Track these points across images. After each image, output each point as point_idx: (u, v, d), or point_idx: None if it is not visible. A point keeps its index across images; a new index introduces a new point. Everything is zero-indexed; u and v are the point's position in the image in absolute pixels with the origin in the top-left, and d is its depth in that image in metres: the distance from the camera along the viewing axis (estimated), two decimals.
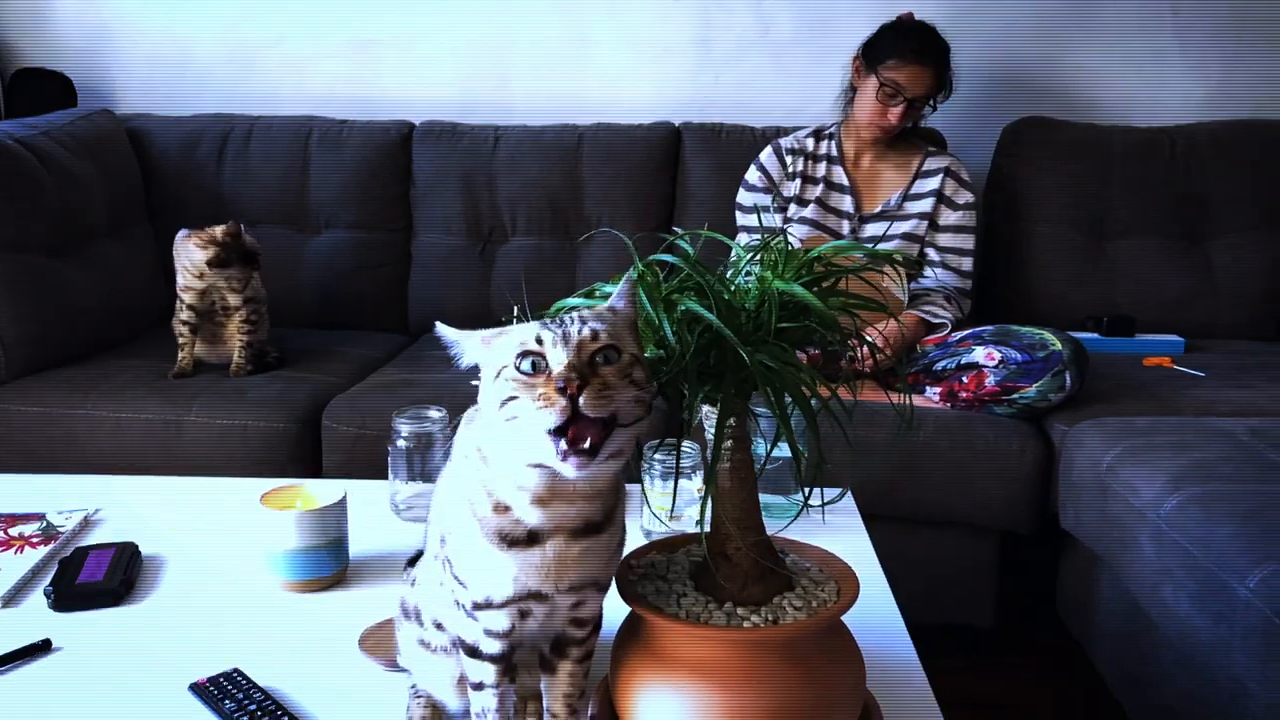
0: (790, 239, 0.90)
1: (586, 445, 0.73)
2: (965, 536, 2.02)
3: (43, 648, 1.13)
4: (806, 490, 0.86)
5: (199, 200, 2.66)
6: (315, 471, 2.07)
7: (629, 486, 0.92)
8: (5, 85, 2.83)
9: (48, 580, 1.26)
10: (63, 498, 1.53)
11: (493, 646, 0.86)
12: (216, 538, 1.41)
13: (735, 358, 0.81)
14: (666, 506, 1.34)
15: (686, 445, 1.35)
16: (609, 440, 0.74)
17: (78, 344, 2.29)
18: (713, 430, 0.87)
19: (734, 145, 2.62)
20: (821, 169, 2.39)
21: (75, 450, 2.03)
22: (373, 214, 2.71)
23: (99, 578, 1.26)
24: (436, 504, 0.92)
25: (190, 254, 2.15)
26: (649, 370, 0.79)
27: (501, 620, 0.84)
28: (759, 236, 1.68)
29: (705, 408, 0.91)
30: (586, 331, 0.76)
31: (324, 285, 2.68)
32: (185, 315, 2.20)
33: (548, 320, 0.79)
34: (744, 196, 2.43)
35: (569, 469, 0.73)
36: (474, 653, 0.88)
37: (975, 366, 2.03)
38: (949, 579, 2.04)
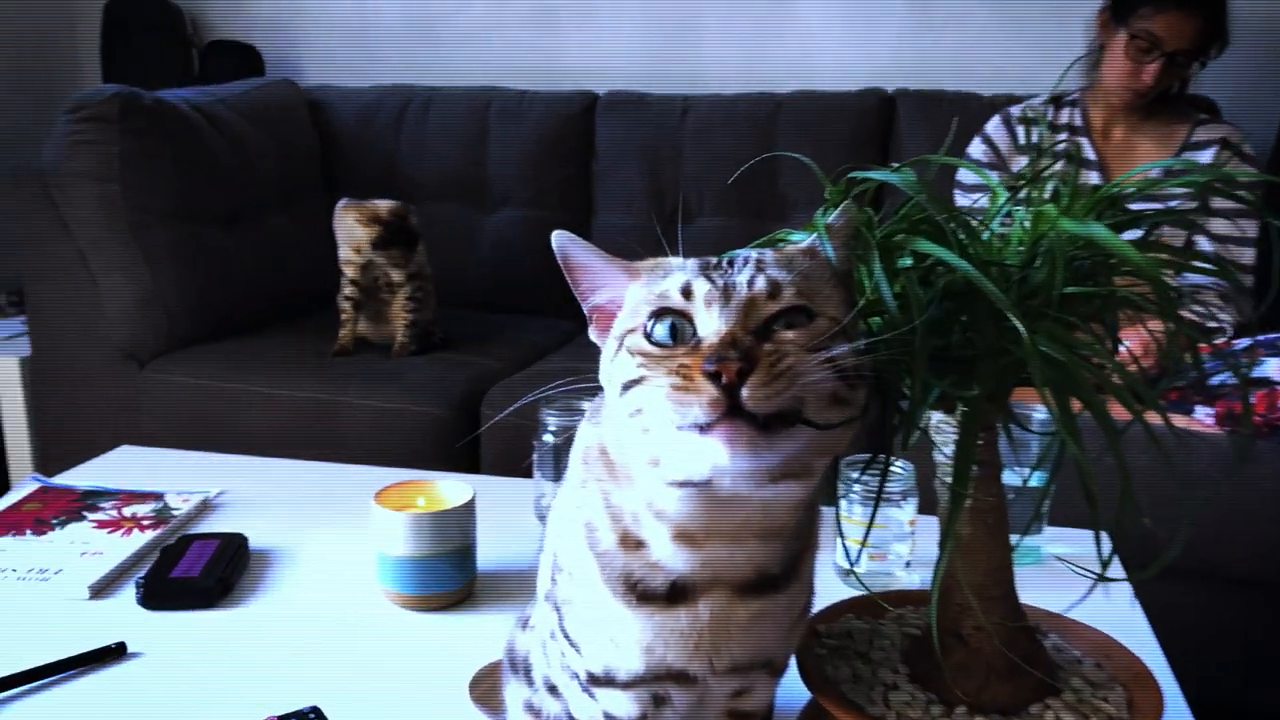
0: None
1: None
2: (1244, 596, 1.61)
3: (116, 652, 0.97)
4: (1101, 540, 0.56)
5: (374, 173, 2.56)
6: (473, 464, 1.89)
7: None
8: (200, 57, 2.82)
9: (144, 571, 1.10)
10: (193, 476, 1.39)
11: None
12: (335, 536, 1.23)
13: (997, 337, 0.52)
14: (868, 541, 1.05)
15: (898, 465, 1.05)
16: (789, 430, 0.47)
17: (242, 316, 2.21)
18: (948, 449, 0.58)
19: (957, 115, 2.26)
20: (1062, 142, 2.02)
21: (226, 426, 1.93)
22: (551, 191, 2.52)
23: (195, 574, 1.09)
24: (552, 523, 0.67)
25: (350, 228, 2.02)
26: (859, 343, 0.51)
27: (627, 705, 0.59)
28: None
29: (935, 416, 0.62)
30: (761, 284, 0.50)
31: (497, 265, 2.52)
32: (348, 291, 2.08)
33: (709, 261, 0.53)
34: (965, 174, 2.09)
35: (720, 451, 0.47)
36: None
37: (1267, 383, 1.62)
38: (1221, 648, 1.64)
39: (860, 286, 0.54)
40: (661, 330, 0.50)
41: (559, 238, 0.57)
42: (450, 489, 1.13)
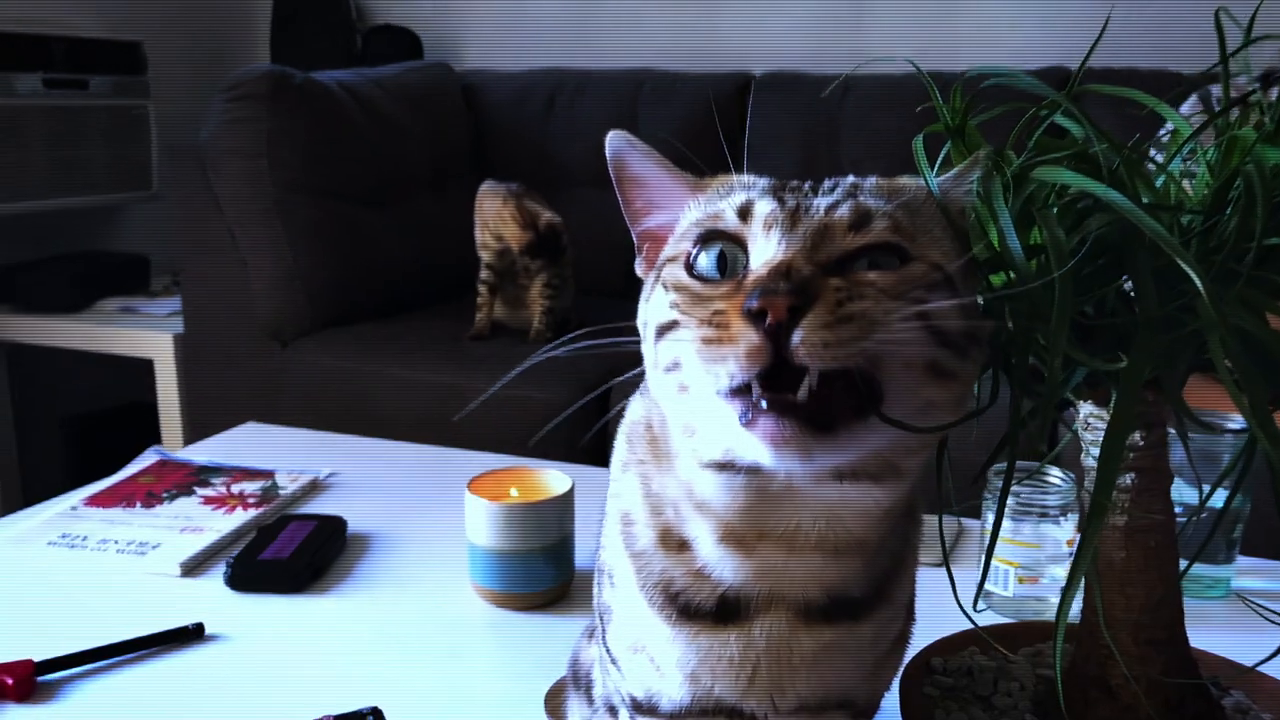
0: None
1: (799, 395, 0.34)
2: None
3: (194, 634, 0.93)
4: None
5: (525, 157, 2.52)
6: (600, 455, 1.81)
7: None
8: (362, 41, 2.87)
9: (239, 550, 1.07)
10: (311, 455, 1.37)
11: None
12: (436, 524, 1.17)
13: (1163, 302, 0.39)
14: (1016, 560, 0.90)
15: (1057, 475, 0.90)
16: (860, 425, 0.35)
17: (382, 299, 2.20)
18: (1096, 448, 0.45)
19: (1151, 95, 2.04)
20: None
21: (360, 408, 1.92)
22: (700, 174, 2.42)
23: (284, 556, 1.05)
24: (605, 522, 0.57)
25: (494, 216, 1.98)
26: (970, 299, 0.39)
27: None
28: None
29: (1085, 408, 0.49)
30: (843, 211, 0.38)
31: None
32: (484, 274, 2.04)
33: (787, 182, 0.42)
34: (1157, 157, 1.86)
35: (759, 446, 0.35)
36: None
37: None
38: None
39: (980, 230, 0.42)
40: (706, 260, 0.39)
41: (615, 139, 0.47)
42: (550, 479, 1.05)
